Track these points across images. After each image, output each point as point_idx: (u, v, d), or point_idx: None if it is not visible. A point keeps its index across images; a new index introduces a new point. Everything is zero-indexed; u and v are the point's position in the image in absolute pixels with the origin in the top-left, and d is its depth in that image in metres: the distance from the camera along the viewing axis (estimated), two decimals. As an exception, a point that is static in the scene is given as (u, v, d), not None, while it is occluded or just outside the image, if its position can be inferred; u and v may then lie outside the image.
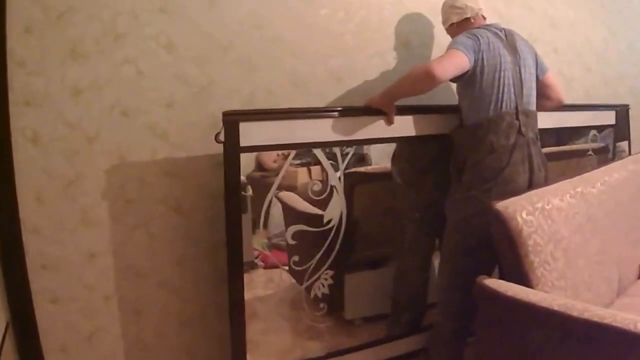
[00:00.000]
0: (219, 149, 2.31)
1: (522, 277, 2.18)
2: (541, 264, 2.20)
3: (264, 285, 2.72)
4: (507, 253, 2.22)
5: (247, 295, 2.46)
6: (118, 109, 2.43)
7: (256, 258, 2.64)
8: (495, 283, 2.16)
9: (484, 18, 2.72)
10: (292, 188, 2.68)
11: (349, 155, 2.67)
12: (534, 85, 2.66)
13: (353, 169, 2.77)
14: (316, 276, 2.66)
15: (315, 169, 2.72)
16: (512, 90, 2.53)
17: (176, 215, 2.58)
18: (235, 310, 2.41)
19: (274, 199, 2.56)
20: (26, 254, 2.34)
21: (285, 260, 2.67)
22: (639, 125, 3.99)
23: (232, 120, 2.26)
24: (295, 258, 2.63)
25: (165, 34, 2.47)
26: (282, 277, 2.68)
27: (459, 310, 2.55)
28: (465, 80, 2.52)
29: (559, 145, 3.57)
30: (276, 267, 2.66)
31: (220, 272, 2.52)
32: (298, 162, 2.72)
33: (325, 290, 2.69)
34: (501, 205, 2.22)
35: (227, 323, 2.44)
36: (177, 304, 2.65)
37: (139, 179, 2.51)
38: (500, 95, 2.49)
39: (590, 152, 3.67)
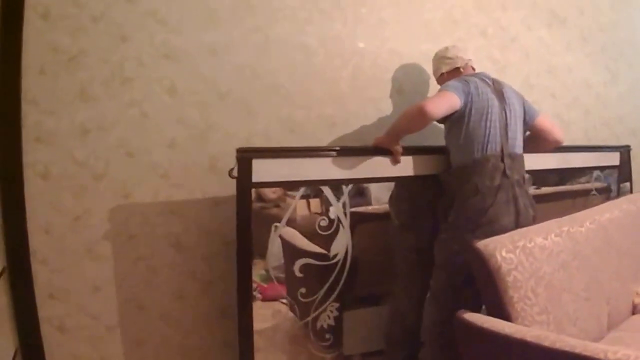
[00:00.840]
0: (217, 189, 2.47)
1: (502, 312, 2.25)
2: (521, 299, 2.27)
3: (262, 318, 2.75)
4: (486, 289, 2.32)
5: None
6: (123, 149, 2.60)
7: (254, 290, 2.66)
8: (473, 317, 2.25)
9: (473, 69, 2.87)
10: (291, 220, 2.72)
11: (349, 187, 2.74)
12: (519, 129, 2.76)
13: (355, 209, 2.83)
14: (322, 308, 2.74)
15: (314, 202, 2.79)
16: (498, 133, 2.63)
17: (176, 252, 2.72)
18: (244, 339, 2.50)
19: (273, 235, 2.62)
20: (35, 283, 2.48)
21: (283, 294, 2.74)
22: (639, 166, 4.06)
23: (245, 157, 2.38)
24: (302, 290, 2.70)
25: (168, 79, 2.66)
26: (280, 310, 2.75)
27: (445, 345, 2.62)
28: (453, 122, 2.64)
29: (562, 185, 3.65)
30: (274, 300, 2.73)
31: (217, 307, 2.66)
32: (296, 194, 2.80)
33: (331, 322, 2.78)
34: (481, 244, 2.32)
35: (225, 356, 2.57)
36: (177, 336, 2.76)
37: (141, 216, 2.66)
38: (486, 137, 2.61)
39: (594, 192, 3.74)
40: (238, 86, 2.79)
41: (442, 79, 2.89)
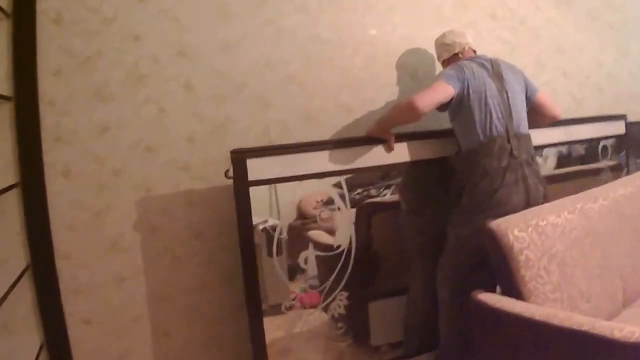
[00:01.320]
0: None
1: (515, 291, 2.30)
2: (533, 278, 2.31)
3: (299, 324, 2.85)
4: (500, 269, 2.36)
5: (282, 333, 2.71)
6: (142, 144, 2.69)
7: (293, 300, 2.77)
8: (486, 297, 2.31)
9: (474, 51, 2.90)
10: (332, 231, 2.85)
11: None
12: (523, 109, 2.80)
13: (369, 200, 2.93)
14: (332, 297, 2.81)
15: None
16: (500, 115, 2.67)
17: (198, 242, 2.79)
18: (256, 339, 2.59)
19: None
20: (59, 278, 2.57)
21: (317, 301, 2.83)
22: None
23: (239, 158, 2.49)
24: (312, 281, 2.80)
25: (184, 75, 2.73)
26: (316, 315, 2.84)
27: (462, 327, 2.67)
28: (452, 108, 2.69)
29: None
30: (312, 307, 2.82)
31: (239, 295, 2.69)
32: (334, 206, 2.88)
33: (342, 311, 2.84)
34: (494, 223, 2.36)
35: (249, 344, 2.60)
36: (201, 326, 2.83)
37: (163, 209, 2.74)
38: (488, 120, 2.65)
39: (605, 170, 3.73)
40: (253, 79, 2.85)
41: (444, 64, 2.96)
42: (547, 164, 3.55)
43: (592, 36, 3.93)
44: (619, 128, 3.74)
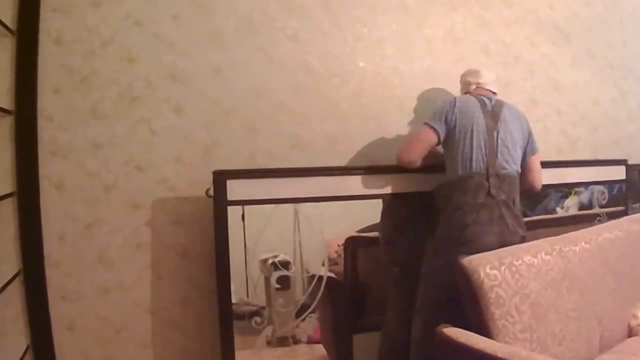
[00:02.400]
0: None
1: (483, 328, 2.23)
2: (503, 316, 2.24)
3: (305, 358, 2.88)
4: (470, 305, 2.29)
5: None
6: (133, 163, 2.71)
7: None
8: (451, 331, 2.24)
9: (491, 91, 2.83)
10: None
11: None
12: (512, 152, 2.69)
13: (354, 234, 2.94)
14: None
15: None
16: (484, 153, 2.60)
17: (181, 260, 2.79)
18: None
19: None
20: (48, 285, 2.60)
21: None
22: None
23: (220, 178, 2.53)
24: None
25: (175, 98, 2.75)
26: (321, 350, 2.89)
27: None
28: (443, 143, 2.67)
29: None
30: (318, 342, 2.87)
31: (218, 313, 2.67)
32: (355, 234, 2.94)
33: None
34: (466, 259, 2.30)
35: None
36: (181, 341, 2.82)
37: (149, 226, 2.75)
38: (469, 156, 2.59)
39: (600, 218, 3.58)
40: (242, 104, 2.86)
41: None
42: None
43: (589, 74, 3.81)
44: (619, 173, 3.64)
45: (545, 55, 3.63)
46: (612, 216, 3.53)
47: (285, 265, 2.76)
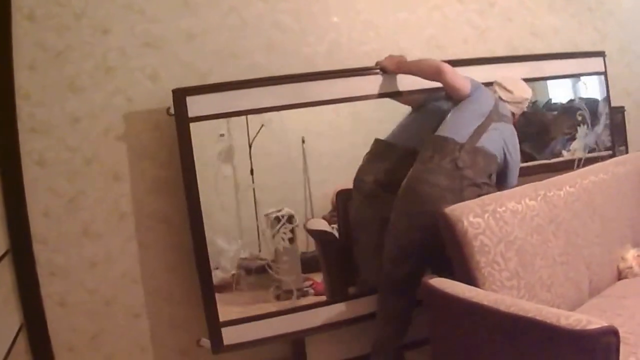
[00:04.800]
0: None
1: (469, 277, 2.09)
2: (489, 264, 2.09)
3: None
4: (454, 254, 2.15)
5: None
6: (112, 133, 2.55)
7: (309, 286, 2.73)
8: (437, 281, 2.10)
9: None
10: None
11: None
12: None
13: (344, 187, 2.75)
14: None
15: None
16: (470, 130, 2.44)
17: (166, 227, 2.63)
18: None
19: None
20: (37, 262, 2.47)
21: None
22: (635, 128, 3.67)
23: (179, 95, 2.35)
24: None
25: (150, 66, 2.57)
26: None
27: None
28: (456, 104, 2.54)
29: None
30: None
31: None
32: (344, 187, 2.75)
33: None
34: (448, 208, 2.14)
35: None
36: (169, 309, 2.68)
37: (131, 196, 2.60)
38: (460, 127, 2.44)
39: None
40: (217, 68, 2.68)
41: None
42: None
43: (568, 18, 3.53)
44: (597, 65, 3.37)
45: (522, 1, 3.36)
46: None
47: (290, 219, 2.61)
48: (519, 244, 2.18)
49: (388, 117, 2.78)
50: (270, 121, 2.58)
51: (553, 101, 3.43)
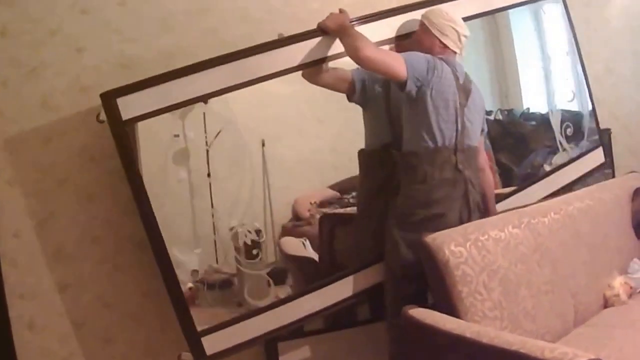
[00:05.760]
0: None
1: (450, 307, 1.99)
2: (471, 294, 1.99)
3: None
4: (435, 284, 2.05)
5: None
6: (87, 153, 2.43)
7: None
8: (417, 312, 2.00)
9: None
10: None
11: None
12: (476, 127, 2.37)
13: (330, 211, 2.62)
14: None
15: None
16: (455, 128, 2.25)
17: (140, 251, 2.47)
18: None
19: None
20: (5, 284, 2.32)
21: None
22: (620, 150, 3.56)
23: (108, 99, 2.11)
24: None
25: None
26: None
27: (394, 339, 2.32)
28: (410, 102, 2.25)
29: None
30: None
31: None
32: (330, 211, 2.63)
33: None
34: (429, 237, 2.05)
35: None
36: (142, 334, 2.54)
37: (104, 218, 2.47)
38: (441, 128, 2.22)
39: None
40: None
41: (426, 43, 2.35)
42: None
43: None
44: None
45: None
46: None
47: (257, 233, 2.42)
48: (502, 273, 2.07)
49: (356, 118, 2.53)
50: (229, 122, 2.39)
51: (531, 110, 3.23)
